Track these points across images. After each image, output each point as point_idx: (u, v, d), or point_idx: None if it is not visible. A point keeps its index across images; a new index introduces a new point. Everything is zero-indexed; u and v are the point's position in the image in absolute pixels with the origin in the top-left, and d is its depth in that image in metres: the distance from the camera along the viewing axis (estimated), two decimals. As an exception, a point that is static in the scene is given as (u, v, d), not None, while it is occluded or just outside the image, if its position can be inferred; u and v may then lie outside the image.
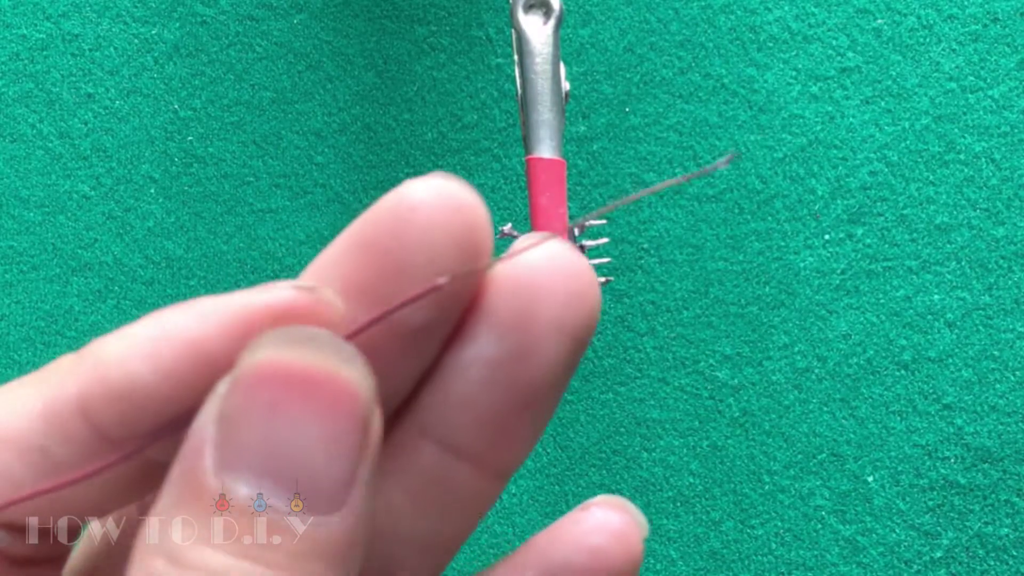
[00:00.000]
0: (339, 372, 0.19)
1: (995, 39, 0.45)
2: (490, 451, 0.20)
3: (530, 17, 0.36)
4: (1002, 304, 0.44)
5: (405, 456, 0.21)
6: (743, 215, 0.45)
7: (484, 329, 0.19)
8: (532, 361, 0.19)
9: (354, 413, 0.19)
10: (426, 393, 0.20)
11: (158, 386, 0.20)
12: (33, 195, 0.48)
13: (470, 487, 0.20)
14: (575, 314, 0.19)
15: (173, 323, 0.20)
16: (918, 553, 0.44)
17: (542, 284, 0.19)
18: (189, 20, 0.48)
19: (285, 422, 0.19)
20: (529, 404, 0.19)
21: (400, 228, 0.18)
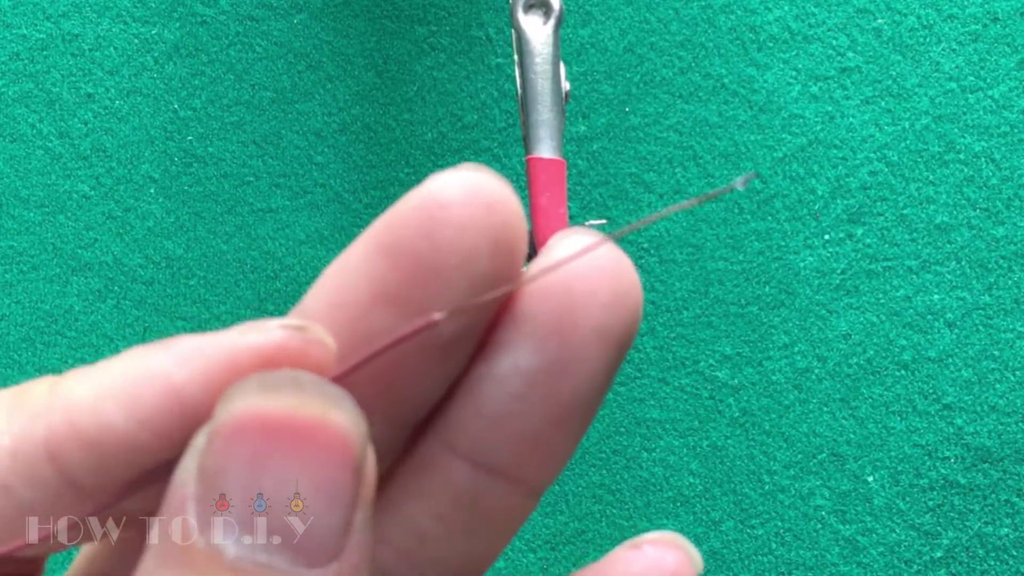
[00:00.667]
0: (326, 417, 0.18)
1: (995, 39, 0.45)
2: (526, 468, 0.19)
3: (530, 17, 0.36)
4: (1002, 304, 0.44)
5: (434, 476, 0.19)
6: (743, 215, 0.45)
7: (520, 339, 0.17)
8: (573, 372, 0.17)
9: (345, 459, 0.18)
10: (455, 408, 0.18)
11: (134, 434, 0.18)
12: (33, 195, 0.48)
13: (503, 506, 0.19)
14: (619, 319, 0.17)
15: (152, 365, 0.18)
16: (918, 553, 0.44)
17: (583, 288, 0.17)
18: (189, 20, 0.48)
19: (271, 475, 0.17)
20: (569, 417, 0.18)
21: (431, 229, 0.17)
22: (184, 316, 0.46)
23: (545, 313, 0.17)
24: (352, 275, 0.18)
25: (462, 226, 0.17)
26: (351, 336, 0.18)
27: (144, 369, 0.18)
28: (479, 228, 0.17)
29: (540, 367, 0.17)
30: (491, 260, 0.17)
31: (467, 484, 0.19)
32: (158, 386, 0.18)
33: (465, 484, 0.19)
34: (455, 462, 0.18)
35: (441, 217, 0.17)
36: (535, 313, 0.17)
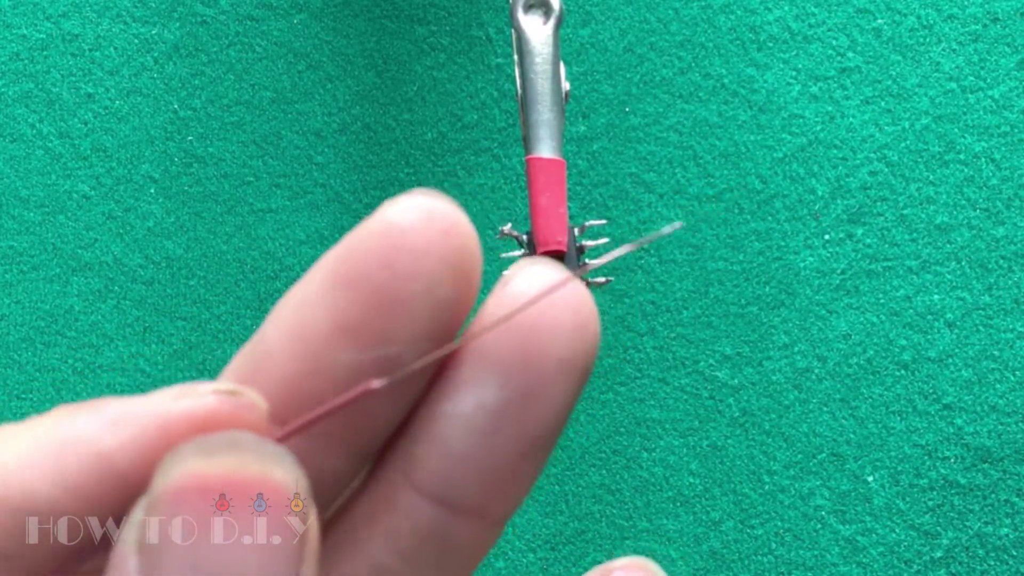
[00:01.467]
0: (266, 476, 0.17)
1: (995, 39, 0.45)
2: (493, 502, 0.18)
3: (530, 17, 0.36)
4: (1002, 304, 0.44)
5: (397, 514, 0.19)
6: (743, 215, 0.45)
7: (484, 374, 0.17)
8: (540, 404, 0.17)
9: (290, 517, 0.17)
10: (419, 446, 0.18)
11: (60, 501, 0.17)
12: (33, 195, 0.48)
13: (469, 540, 0.19)
14: (582, 349, 0.17)
15: (79, 430, 0.17)
16: (918, 553, 0.44)
17: (547, 321, 0.17)
18: (189, 20, 0.48)
19: (215, 544, 0.17)
20: (535, 449, 0.18)
21: (390, 257, 0.17)
22: (184, 316, 0.46)
23: (510, 348, 0.17)
24: (311, 308, 0.17)
25: (421, 252, 0.17)
26: (312, 371, 0.17)
27: (71, 434, 0.18)
28: (438, 253, 0.17)
29: (506, 402, 0.17)
30: (451, 286, 0.17)
31: (433, 521, 0.18)
32: (85, 452, 0.17)
33: (431, 522, 0.18)
34: (420, 501, 0.18)
35: (399, 244, 0.17)
36: (498, 348, 0.17)
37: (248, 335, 0.49)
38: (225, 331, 0.46)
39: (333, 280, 0.17)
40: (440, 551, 0.19)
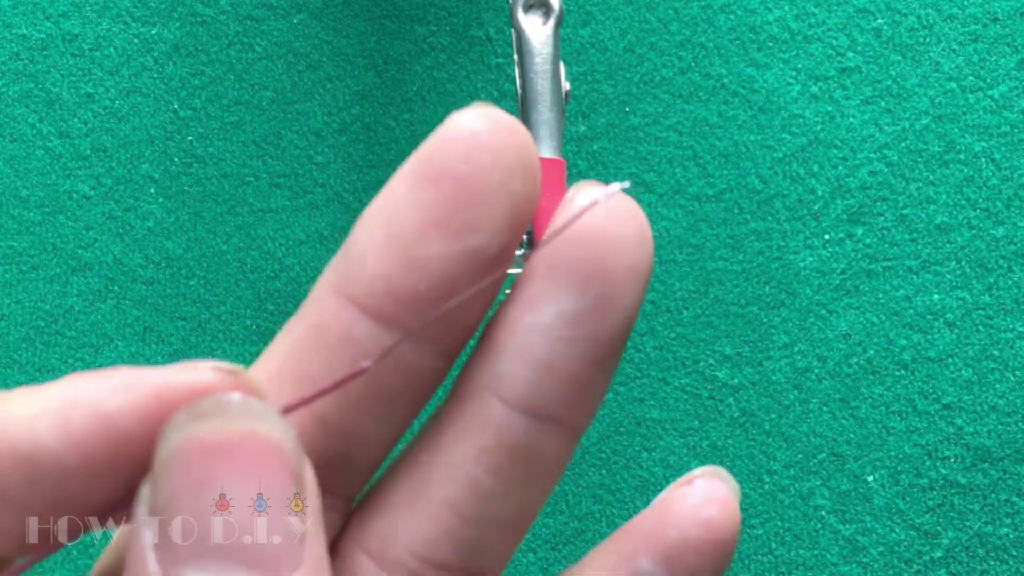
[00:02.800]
0: (255, 431, 0.18)
1: (995, 39, 0.45)
2: (574, 411, 0.20)
3: (530, 17, 0.36)
4: (1002, 304, 0.44)
5: (489, 431, 0.20)
6: (743, 215, 0.45)
7: (561, 285, 0.19)
8: (612, 310, 0.19)
9: (281, 466, 0.19)
10: (505, 361, 0.20)
11: (63, 455, 0.19)
12: (33, 195, 0.48)
13: (554, 452, 0.20)
14: (644, 256, 0.19)
15: (86, 391, 0.19)
16: (918, 553, 0.44)
17: (614, 232, 0.18)
18: (189, 20, 0.48)
19: (215, 498, 0.18)
20: (608, 355, 0.19)
21: (469, 154, 0.18)
22: (184, 316, 0.46)
23: (583, 258, 0.18)
24: (400, 207, 0.18)
25: (496, 149, 0.18)
26: (407, 266, 0.19)
27: (79, 395, 0.19)
28: (509, 150, 0.18)
29: (584, 309, 0.18)
30: (522, 179, 0.18)
31: (522, 435, 0.20)
32: (90, 412, 0.19)
33: (520, 435, 0.19)
34: (510, 414, 0.19)
35: (476, 143, 0.18)
36: (574, 259, 0.18)
37: (248, 335, 0.49)
38: (225, 331, 0.46)
39: (419, 179, 0.18)
40: (529, 465, 0.20)
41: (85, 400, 0.19)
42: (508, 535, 0.21)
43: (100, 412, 0.19)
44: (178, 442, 0.19)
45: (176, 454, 0.18)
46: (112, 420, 0.19)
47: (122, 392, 0.19)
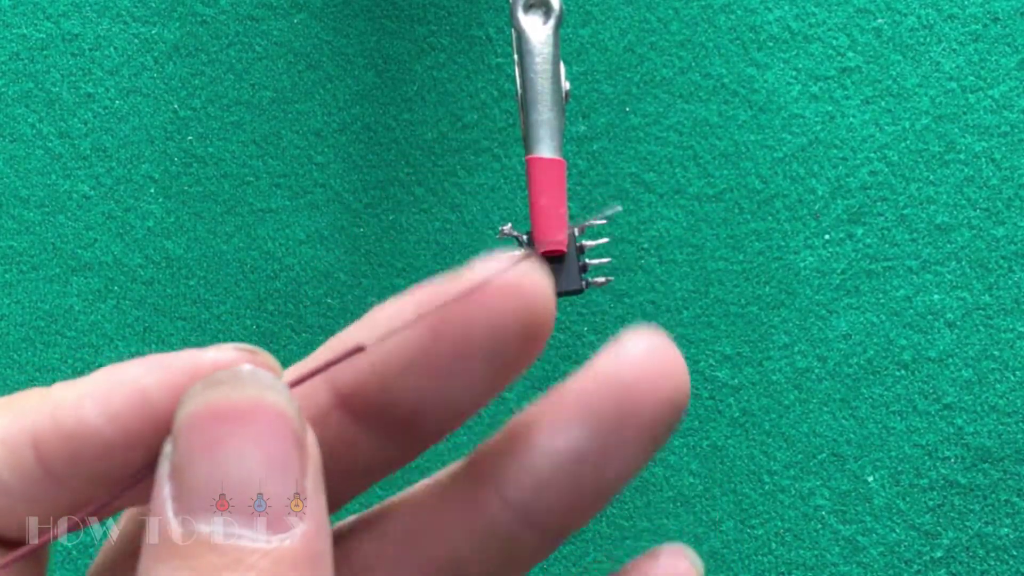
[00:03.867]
0: (263, 398, 0.21)
1: (995, 39, 0.45)
2: (566, 524, 0.21)
3: (530, 17, 0.36)
4: (1002, 304, 0.44)
5: (480, 517, 0.22)
6: (743, 215, 0.45)
7: (579, 421, 0.20)
8: (626, 457, 0.20)
9: (285, 431, 0.21)
10: (511, 464, 0.21)
11: (105, 429, 0.21)
12: (33, 195, 0.48)
13: (533, 548, 0.22)
14: (672, 414, 0.20)
15: (125, 374, 0.22)
16: (918, 553, 0.44)
17: (645, 384, 0.20)
18: (189, 20, 0.48)
19: (227, 456, 0.21)
20: (612, 493, 0.20)
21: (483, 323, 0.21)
22: (184, 316, 0.46)
23: (607, 403, 0.20)
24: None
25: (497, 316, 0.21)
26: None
27: (119, 377, 0.22)
28: (513, 316, 0.21)
29: (593, 451, 0.20)
30: (520, 343, 0.21)
31: (510, 527, 0.21)
32: (129, 390, 0.21)
33: (508, 527, 0.21)
34: (504, 510, 0.21)
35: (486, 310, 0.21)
36: (597, 401, 0.20)
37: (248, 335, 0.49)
38: (225, 331, 0.46)
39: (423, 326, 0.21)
40: (510, 554, 0.22)
41: (125, 380, 0.21)
42: None
43: (138, 390, 0.21)
44: (194, 407, 0.21)
45: (192, 418, 0.21)
46: (149, 396, 0.21)
47: (157, 371, 0.21)
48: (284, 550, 0.21)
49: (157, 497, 0.21)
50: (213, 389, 0.21)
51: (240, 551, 0.20)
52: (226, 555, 0.20)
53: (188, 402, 0.21)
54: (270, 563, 0.20)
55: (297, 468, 0.21)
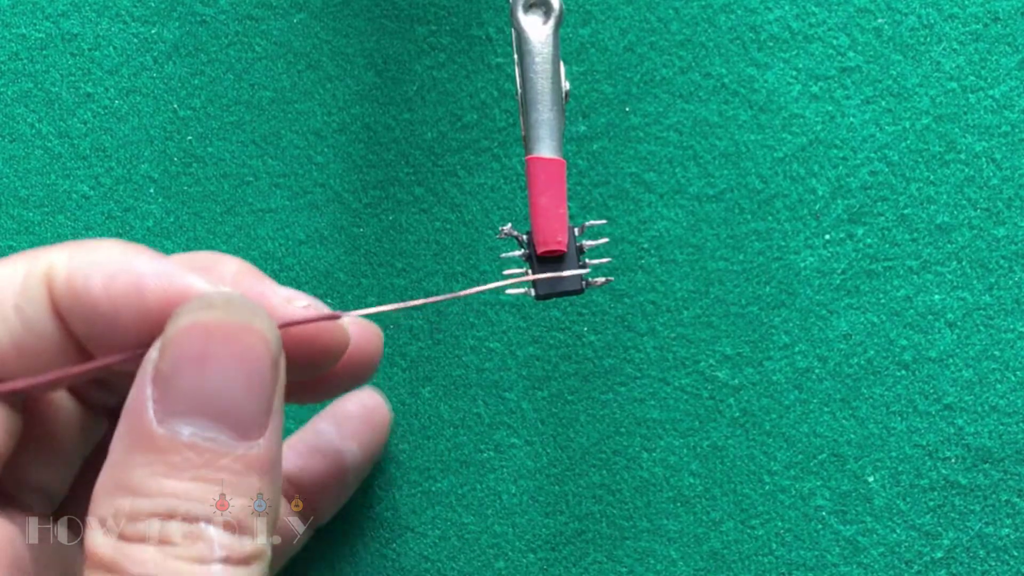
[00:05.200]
0: (250, 324, 0.24)
1: (996, 38, 0.45)
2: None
3: (530, 17, 0.36)
4: (1003, 304, 0.44)
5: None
6: (743, 215, 0.45)
7: None
8: None
9: (267, 356, 0.24)
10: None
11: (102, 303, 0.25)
12: (32, 195, 0.48)
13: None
14: None
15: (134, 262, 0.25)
16: (919, 553, 0.44)
17: None
18: (189, 20, 0.48)
19: (212, 371, 0.23)
20: None
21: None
22: (184, 316, 0.46)
23: None
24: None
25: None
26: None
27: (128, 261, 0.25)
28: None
29: None
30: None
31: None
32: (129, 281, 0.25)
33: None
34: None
35: None
36: None
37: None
38: (225, 331, 0.46)
39: None
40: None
41: (131, 271, 0.25)
42: None
43: (138, 286, 0.25)
44: (188, 323, 0.24)
45: (185, 331, 0.24)
46: (145, 297, 0.25)
47: (160, 278, 0.25)
48: (252, 455, 0.23)
49: (138, 397, 0.24)
50: (207, 310, 0.24)
51: (215, 453, 0.23)
52: (203, 454, 0.23)
53: (183, 317, 0.24)
54: (242, 465, 0.23)
55: (271, 388, 0.24)
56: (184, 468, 0.23)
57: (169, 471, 0.23)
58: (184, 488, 0.23)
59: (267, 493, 0.24)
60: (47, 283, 0.25)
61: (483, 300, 0.46)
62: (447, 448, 0.46)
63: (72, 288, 0.25)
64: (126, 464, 0.23)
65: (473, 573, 0.45)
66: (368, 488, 0.46)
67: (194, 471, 0.23)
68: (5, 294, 0.25)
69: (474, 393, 0.46)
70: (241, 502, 0.23)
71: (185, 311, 0.24)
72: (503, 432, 0.46)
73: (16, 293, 0.25)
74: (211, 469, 0.23)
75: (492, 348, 0.46)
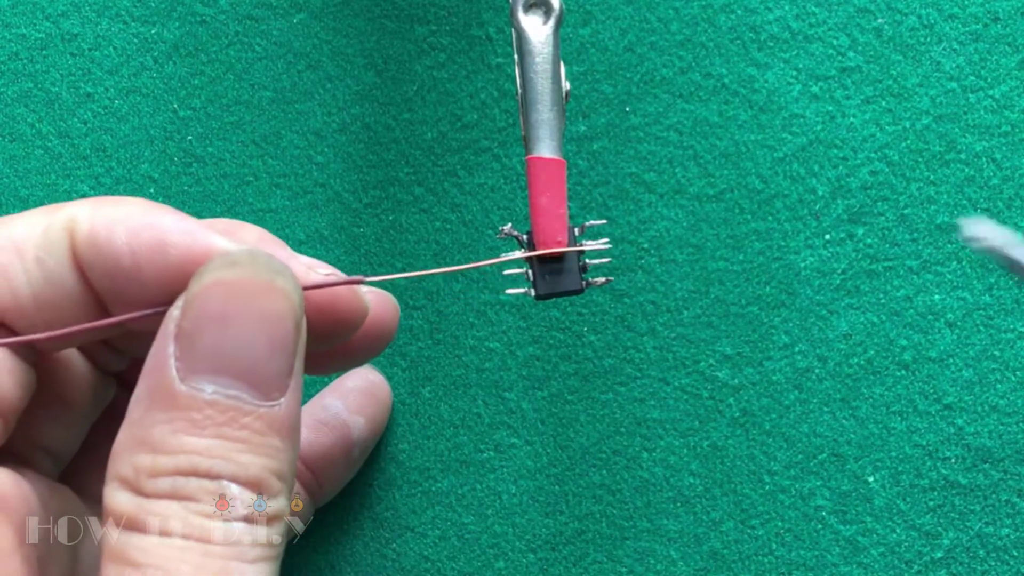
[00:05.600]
0: (274, 282, 0.24)
1: (996, 38, 0.45)
2: None
3: (530, 17, 0.36)
4: (1003, 304, 0.44)
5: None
6: (743, 215, 0.45)
7: None
8: None
9: (290, 315, 0.24)
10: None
11: (125, 259, 0.24)
12: (33, 195, 0.48)
13: None
14: None
15: (158, 220, 0.25)
16: (919, 553, 0.44)
17: None
18: (189, 20, 0.48)
19: (235, 329, 0.23)
20: None
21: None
22: (184, 316, 0.46)
23: None
24: None
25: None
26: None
27: (153, 219, 0.25)
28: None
29: None
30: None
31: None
32: (154, 237, 0.25)
33: None
34: None
35: None
36: None
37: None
38: (225, 331, 0.46)
39: None
40: None
41: (156, 227, 0.25)
42: None
43: (162, 243, 0.24)
44: (212, 280, 0.24)
45: (209, 290, 0.23)
46: (168, 253, 0.24)
47: (184, 235, 0.25)
48: (273, 414, 0.23)
49: (159, 354, 0.23)
50: (231, 268, 0.24)
51: (238, 411, 0.23)
52: (225, 412, 0.23)
53: (206, 275, 0.24)
54: (263, 424, 0.23)
55: (292, 348, 0.24)
56: (206, 425, 0.23)
57: (190, 428, 0.23)
58: (206, 445, 0.23)
59: (287, 454, 0.24)
60: (69, 236, 0.25)
61: (483, 300, 0.46)
62: (447, 448, 0.46)
63: (95, 241, 0.25)
64: (147, 421, 0.23)
65: (473, 573, 0.45)
66: (368, 488, 0.46)
67: (216, 428, 0.23)
68: (26, 245, 0.25)
69: (474, 393, 0.46)
70: (262, 462, 0.23)
71: (209, 269, 0.24)
72: (503, 432, 0.46)
73: (37, 245, 0.25)
74: (233, 427, 0.23)
75: (492, 348, 0.46)
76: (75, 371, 0.29)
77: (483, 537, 0.45)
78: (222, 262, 0.24)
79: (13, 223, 0.25)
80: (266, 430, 0.23)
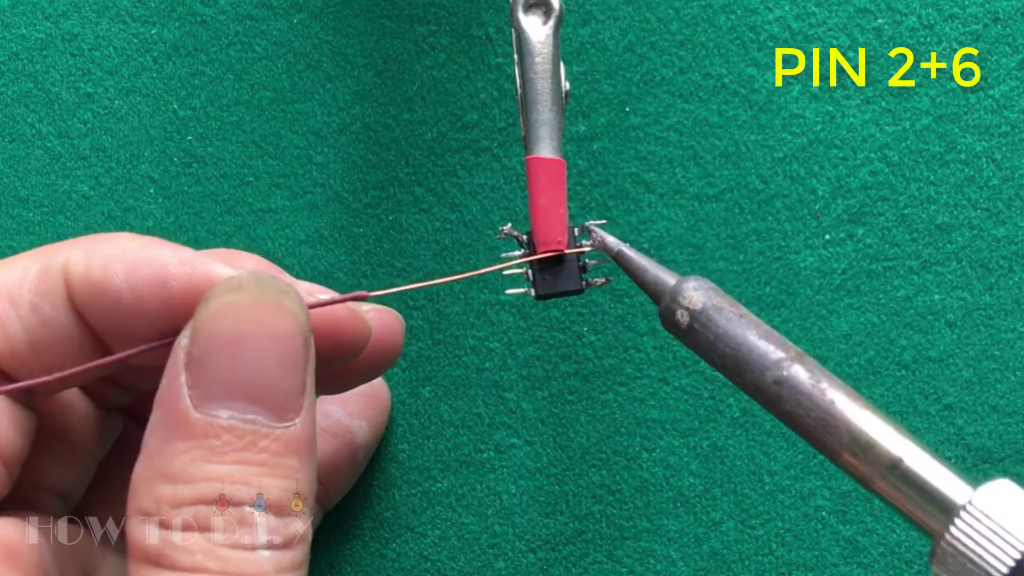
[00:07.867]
0: (280, 302, 0.24)
1: (996, 39, 0.45)
2: None
3: (530, 17, 0.36)
4: (1003, 304, 0.44)
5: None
6: (743, 215, 0.45)
7: None
8: None
9: (299, 333, 0.24)
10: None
11: (125, 295, 0.24)
12: (32, 195, 0.48)
13: None
14: None
15: (154, 253, 0.25)
16: (919, 554, 0.44)
17: None
18: (188, 20, 0.48)
19: (246, 350, 0.23)
20: None
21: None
22: (184, 316, 0.46)
23: None
24: None
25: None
26: None
27: (149, 252, 0.25)
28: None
29: None
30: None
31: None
32: (153, 271, 0.24)
33: None
34: None
35: None
36: None
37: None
38: (225, 331, 0.46)
39: None
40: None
41: (152, 260, 0.24)
42: None
43: (161, 276, 0.24)
44: (218, 305, 0.24)
45: (216, 313, 0.23)
46: (170, 286, 0.24)
47: (183, 265, 0.24)
48: (290, 435, 0.23)
49: (171, 385, 0.23)
50: (237, 291, 0.24)
51: (256, 434, 0.23)
52: (243, 437, 0.23)
53: (213, 301, 0.24)
54: (280, 446, 0.23)
55: (304, 367, 0.24)
56: (225, 452, 0.23)
57: (210, 456, 0.23)
58: (227, 471, 0.23)
59: (305, 474, 0.24)
60: (64, 279, 0.25)
61: (483, 300, 0.46)
62: (447, 448, 0.46)
63: (91, 282, 0.24)
64: (164, 452, 0.23)
65: (473, 573, 0.45)
66: (368, 488, 0.46)
67: (235, 454, 0.23)
68: (20, 291, 0.25)
69: (474, 393, 0.46)
70: (281, 484, 0.23)
71: (215, 294, 0.24)
72: (503, 432, 0.46)
73: (32, 290, 0.25)
74: (252, 451, 0.23)
75: (492, 348, 0.46)
76: (78, 410, 0.29)
77: (483, 537, 0.45)
78: (227, 287, 0.24)
79: (5, 269, 0.25)
80: (284, 451, 0.23)
